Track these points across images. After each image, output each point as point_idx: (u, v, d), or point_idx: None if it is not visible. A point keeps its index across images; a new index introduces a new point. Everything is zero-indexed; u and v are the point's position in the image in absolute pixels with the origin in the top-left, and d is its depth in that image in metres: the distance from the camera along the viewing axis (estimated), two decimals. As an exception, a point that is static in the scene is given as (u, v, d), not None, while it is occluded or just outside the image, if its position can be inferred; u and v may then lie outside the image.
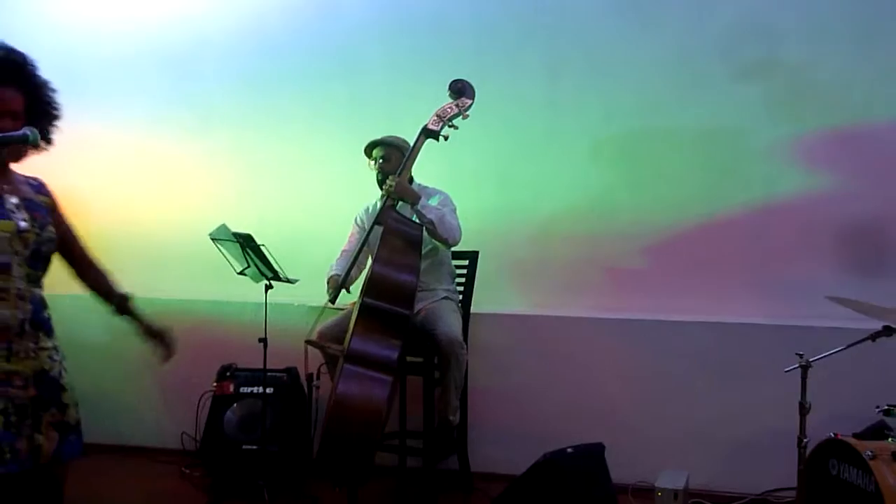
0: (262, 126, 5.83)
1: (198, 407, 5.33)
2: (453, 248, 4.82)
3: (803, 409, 3.96)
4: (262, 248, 4.66)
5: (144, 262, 3.43)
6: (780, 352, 4.06)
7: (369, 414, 4.01)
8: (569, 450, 4.19)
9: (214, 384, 5.22)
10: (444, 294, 4.89)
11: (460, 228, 4.67)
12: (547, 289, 5.43)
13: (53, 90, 3.02)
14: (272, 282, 4.81)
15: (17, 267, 2.82)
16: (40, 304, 2.92)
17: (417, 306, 4.61)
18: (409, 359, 4.64)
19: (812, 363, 3.91)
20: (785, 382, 4.00)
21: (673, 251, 5.27)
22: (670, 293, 5.28)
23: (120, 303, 3.13)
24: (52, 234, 2.93)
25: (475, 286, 5.07)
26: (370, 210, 5.00)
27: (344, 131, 5.50)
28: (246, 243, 4.66)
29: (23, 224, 2.85)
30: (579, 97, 5.42)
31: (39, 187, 3.03)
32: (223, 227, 4.68)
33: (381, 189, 4.76)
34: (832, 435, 3.80)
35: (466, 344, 4.74)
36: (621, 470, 4.53)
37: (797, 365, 3.93)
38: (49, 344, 2.93)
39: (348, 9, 5.68)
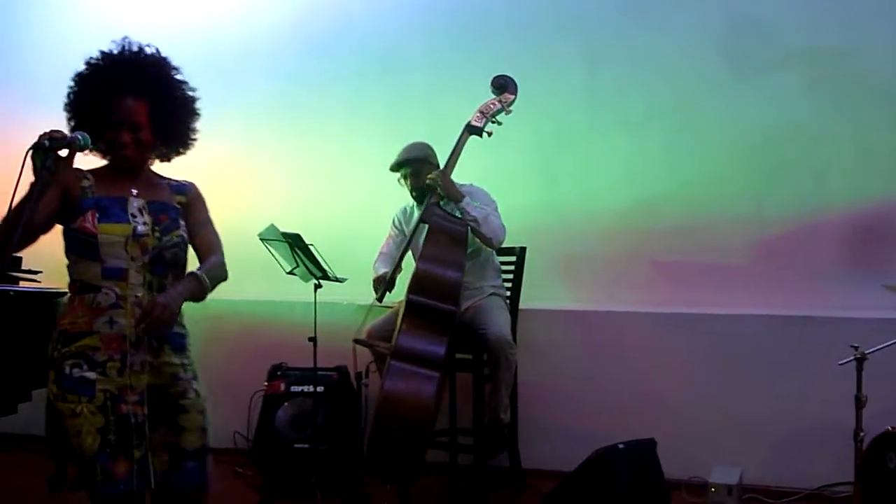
0: (306, 126, 5.84)
1: (249, 406, 5.35)
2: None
3: (859, 403, 3.90)
4: (310, 247, 4.67)
5: (193, 264, 3.41)
6: (835, 344, 4.00)
7: (417, 410, 4.01)
8: (620, 445, 4.16)
9: (266, 383, 5.23)
10: (491, 290, 4.86)
11: (504, 228, 4.64)
12: (594, 284, 5.39)
13: (185, 95, 2.93)
14: (321, 281, 4.82)
15: (134, 273, 2.73)
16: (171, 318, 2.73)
17: (465, 304, 4.61)
18: (458, 356, 4.62)
19: (868, 355, 3.84)
20: (839, 375, 3.93)
21: (721, 244, 5.21)
22: (720, 286, 5.20)
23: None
24: (178, 239, 2.82)
25: (523, 282, 5.04)
26: (408, 211, 5.00)
27: (386, 130, 5.50)
28: (294, 243, 4.67)
29: (141, 228, 2.75)
30: (620, 90, 5.38)
31: (180, 188, 2.96)
32: (272, 227, 4.70)
33: (417, 203, 4.80)
34: (889, 428, 3.73)
35: (515, 341, 4.71)
36: (673, 465, 4.48)
37: (852, 357, 3.86)
38: (175, 360, 2.81)
39: (388, 9, 5.70)
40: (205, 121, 3.04)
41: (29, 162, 2.44)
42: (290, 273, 4.87)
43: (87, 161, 2.87)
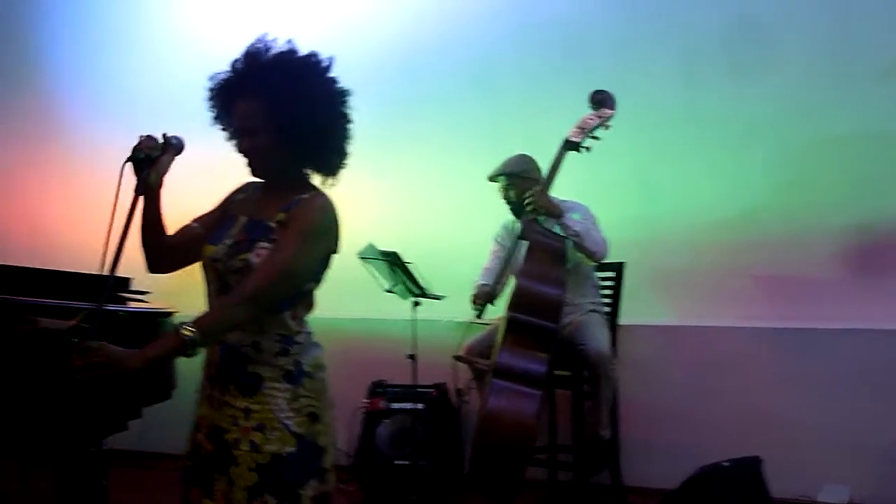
0: (403, 147, 5.90)
1: (350, 423, 5.39)
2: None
3: (976, 419, 3.77)
4: (408, 265, 4.69)
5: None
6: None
7: (519, 428, 4.00)
8: (724, 463, 4.07)
9: (366, 400, 5.27)
10: (591, 307, 4.83)
11: (606, 241, 4.62)
12: (695, 298, 5.31)
13: (323, 101, 2.47)
14: (419, 298, 4.86)
15: (211, 300, 2.47)
16: (237, 354, 2.41)
17: (564, 320, 4.57)
18: (557, 372, 4.60)
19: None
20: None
21: (822, 256, 5.10)
22: (821, 300, 5.09)
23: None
24: (242, 264, 2.37)
25: (622, 298, 5.01)
26: (509, 226, 4.99)
27: (482, 149, 5.48)
28: (393, 261, 4.72)
29: (219, 252, 2.42)
30: (720, 103, 5.30)
31: (293, 204, 2.44)
32: (371, 247, 4.74)
33: (515, 217, 4.79)
34: None
35: (615, 357, 4.68)
36: (780, 484, 4.36)
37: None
38: (238, 403, 2.40)
39: (483, 28, 5.72)
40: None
41: (129, 175, 2.38)
42: (389, 291, 4.91)
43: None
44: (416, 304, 4.89)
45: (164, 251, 2.52)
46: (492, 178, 4.85)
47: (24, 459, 4.71)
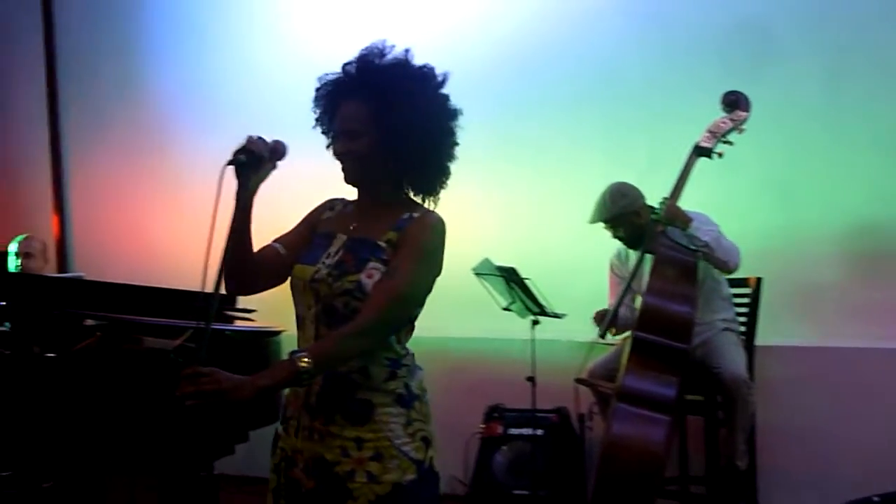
0: (519, 155, 5.67)
1: (466, 449, 5.20)
2: (732, 275, 4.53)
3: None
4: (526, 281, 4.54)
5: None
6: None
7: (646, 457, 3.81)
8: (875, 498, 3.73)
9: (482, 425, 5.12)
10: (724, 325, 4.59)
11: (737, 249, 4.37)
12: (842, 317, 4.93)
13: (432, 114, 2.37)
14: (538, 317, 4.69)
15: (308, 324, 2.33)
16: (344, 380, 2.29)
17: (694, 340, 4.31)
18: (688, 397, 4.39)
19: None
20: None
21: None
22: None
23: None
24: (353, 286, 2.25)
25: (759, 316, 4.71)
26: (622, 254, 4.82)
27: (604, 157, 5.29)
28: (510, 277, 4.57)
29: (321, 272, 2.30)
30: (867, 104, 4.93)
31: (403, 223, 2.34)
32: (486, 262, 4.60)
33: (631, 248, 4.67)
34: None
35: (752, 380, 4.42)
36: (939, 522, 4.00)
37: None
38: (348, 434, 2.27)
39: (604, 28, 5.46)
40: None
41: (231, 178, 2.23)
42: (506, 309, 4.76)
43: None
44: (535, 322, 4.71)
45: (248, 269, 2.37)
46: (592, 222, 4.68)
47: (132, 481, 4.69)
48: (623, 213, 4.56)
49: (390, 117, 2.28)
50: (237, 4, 6.34)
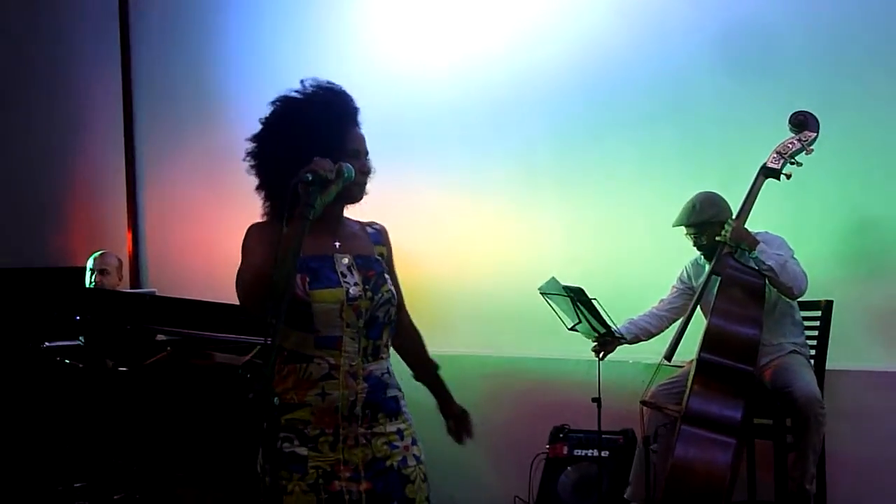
0: (587, 173, 5.61)
1: (530, 470, 5.16)
2: (802, 298, 4.44)
3: None
4: (593, 302, 4.50)
5: (474, 318, 3.34)
6: None
7: (712, 480, 3.77)
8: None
9: (547, 446, 5.07)
10: (792, 347, 4.50)
11: (805, 275, 4.29)
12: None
13: None
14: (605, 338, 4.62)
15: (348, 341, 2.46)
16: (380, 382, 2.52)
17: (762, 361, 4.32)
18: (757, 421, 4.32)
19: None
20: None
21: None
22: None
23: (425, 370, 2.82)
24: (390, 295, 2.54)
25: (830, 339, 4.60)
26: (699, 263, 4.76)
27: (675, 176, 5.20)
28: (576, 297, 4.52)
29: (353, 291, 2.48)
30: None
31: (377, 235, 2.70)
32: (553, 281, 4.56)
33: (707, 259, 4.58)
34: None
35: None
36: None
37: None
38: (391, 428, 2.52)
39: (676, 47, 5.36)
40: (480, 169, 2.83)
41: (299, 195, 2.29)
42: (572, 329, 4.70)
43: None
44: (602, 343, 4.67)
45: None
46: (676, 225, 4.65)
47: (201, 496, 4.74)
48: (710, 221, 4.51)
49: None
50: (311, 27, 6.39)
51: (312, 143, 2.44)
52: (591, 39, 5.57)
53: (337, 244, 2.55)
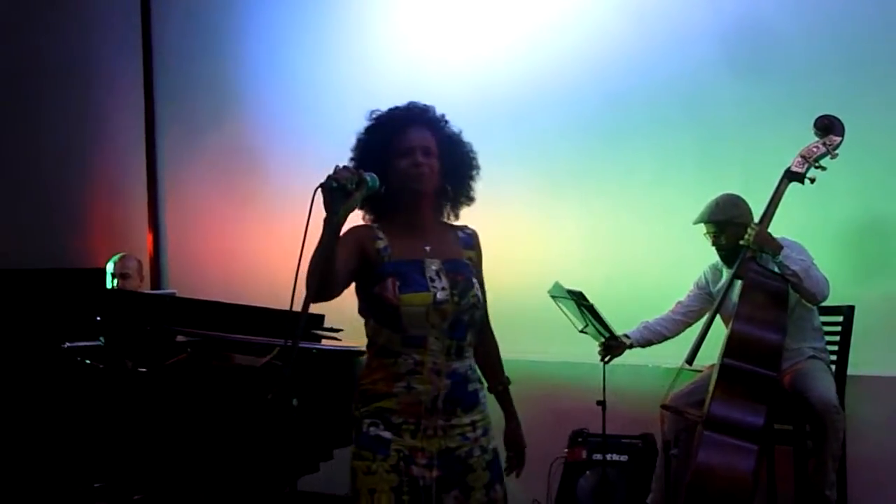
0: (607, 180, 5.58)
1: (549, 474, 5.15)
2: (823, 304, 4.40)
3: None
4: (593, 306, 4.55)
5: (495, 322, 3.29)
6: None
7: (734, 487, 3.76)
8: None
9: (566, 450, 5.06)
10: (811, 353, 4.49)
11: (827, 281, 4.26)
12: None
13: (467, 146, 2.87)
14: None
15: (433, 340, 2.64)
16: (463, 378, 2.70)
17: (782, 366, 4.27)
18: (777, 426, 4.29)
19: None
20: None
21: None
22: None
23: (497, 387, 2.93)
24: (476, 300, 2.71)
25: (851, 345, 4.58)
26: (718, 268, 4.73)
27: (695, 182, 5.15)
28: (578, 301, 4.55)
29: (441, 295, 2.64)
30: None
31: (468, 240, 2.87)
32: (557, 285, 4.60)
33: (725, 264, 4.59)
34: None
35: (843, 409, 4.29)
36: None
37: None
38: (465, 420, 2.70)
39: (693, 48, 5.33)
40: (500, 174, 2.87)
41: (319, 200, 2.38)
42: (583, 332, 4.74)
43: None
44: (607, 346, 4.70)
45: (327, 291, 2.54)
46: (697, 223, 4.62)
47: (220, 498, 4.74)
48: (731, 221, 4.48)
49: (451, 146, 2.78)
50: (329, 26, 6.38)
51: (367, 146, 2.75)
52: (608, 42, 5.55)
53: (427, 248, 2.73)
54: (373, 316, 2.70)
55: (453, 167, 2.78)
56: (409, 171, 2.67)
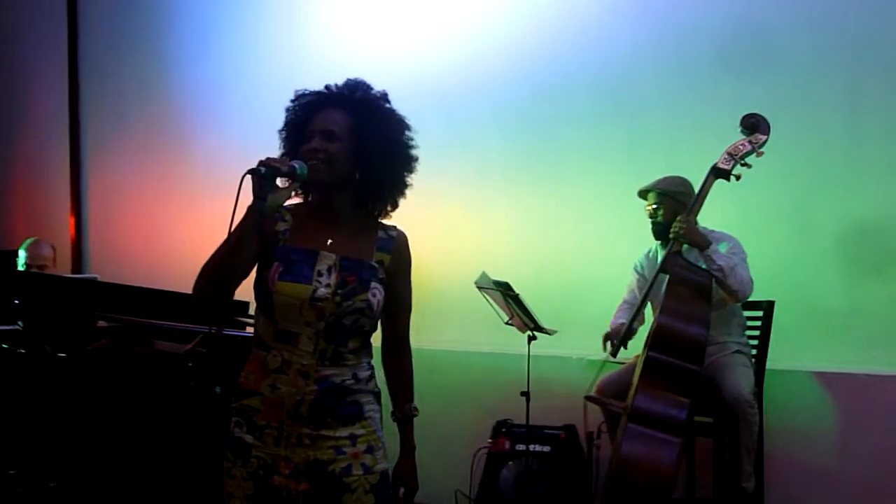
0: (538, 171, 5.63)
1: (472, 464, 5.15)
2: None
3: None
4: (519, 297, 4.53)
5: (421, 312, 3.27)
6: None
7: (656, 478, 3.76)
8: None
9: (490, 440, 5.06)
10: (736, 347, 4.54)
11: (751, 281, 4.31)
12: (857, 343, 4.81)
13: (398, 135, 2.56)
14: (535, 333, 4.66)
15: (305, 340, 2.41)
16: (336, 387, 2.44)
17: (705, 360, 4.26)
18: (697, 418, 4.32)
19: None
20: None
21: None
22: None
23: (396, 415, 2.66)
24: (363, 304, 2.44)
25: (770, 339, 4.64)
26: (651, 255, 4.75)
27: (622, 175, 5.20)
28: (505, 292, 4.55)
29: (322, 291, 2.41)
30: (887, 127, 4.82)
31: (387, 242, 2.56)
32: (484, 276, 4.60)
33: (656, 239, 4.57)
34: None
35: (761, 403, 4.37)
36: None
37: None
38: (341, 433, 2.46)
39: (622, 46, 5.38)
40: (431, 164, 2.80)
41: (247, 186, 2.27)
42: (508, 323, 4.74)
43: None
44: (532, 338, 4.67)
45: (230, 281, 2.39)
46: (642, 194, 4.63)
47: (139, 486, 4.67)
48: (673, 196, 4.51)
49: (369, 129, 2.48)
50: (258, 10, 6.35)
51: (286, 130, 2.57)
52: (536, 41, 5.60)
53: (330, 241, 2.49)
54: (257, 302, 2.50)
55: (366, 151, 2.48)
56: (304, 156, 2.44)
